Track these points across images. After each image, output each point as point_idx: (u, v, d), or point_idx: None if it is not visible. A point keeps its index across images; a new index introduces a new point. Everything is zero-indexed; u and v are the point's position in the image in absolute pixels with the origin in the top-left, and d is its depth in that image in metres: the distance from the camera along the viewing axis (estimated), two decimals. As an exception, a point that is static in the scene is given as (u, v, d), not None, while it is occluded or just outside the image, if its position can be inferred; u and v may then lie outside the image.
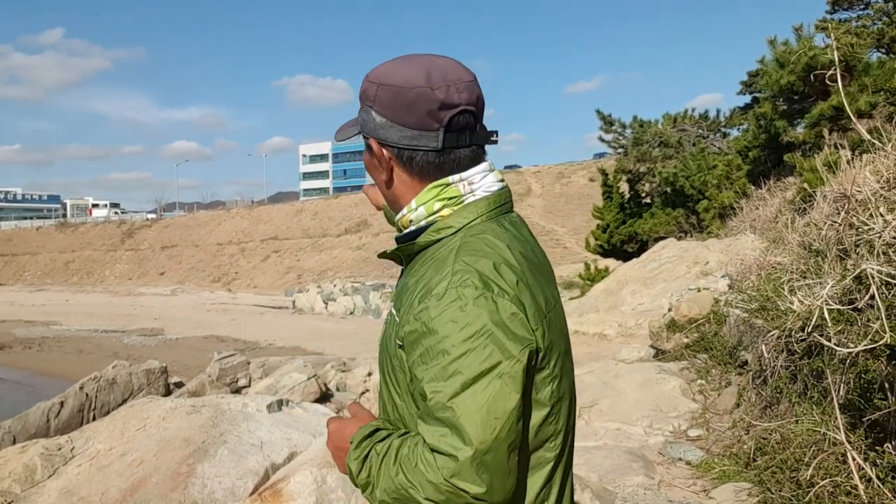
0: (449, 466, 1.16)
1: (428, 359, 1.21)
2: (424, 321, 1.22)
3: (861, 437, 3.02)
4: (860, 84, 10.48)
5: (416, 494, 1.19)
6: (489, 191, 1.39)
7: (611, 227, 20.57)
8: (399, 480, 1.21)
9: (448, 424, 1.17)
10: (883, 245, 3.06)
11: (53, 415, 9.79)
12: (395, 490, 1.22)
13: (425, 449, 1.20)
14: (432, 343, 1.20)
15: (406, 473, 1.21)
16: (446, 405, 1.17)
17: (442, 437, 1.18)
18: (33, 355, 24.01)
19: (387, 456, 1.25)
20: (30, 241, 69.47)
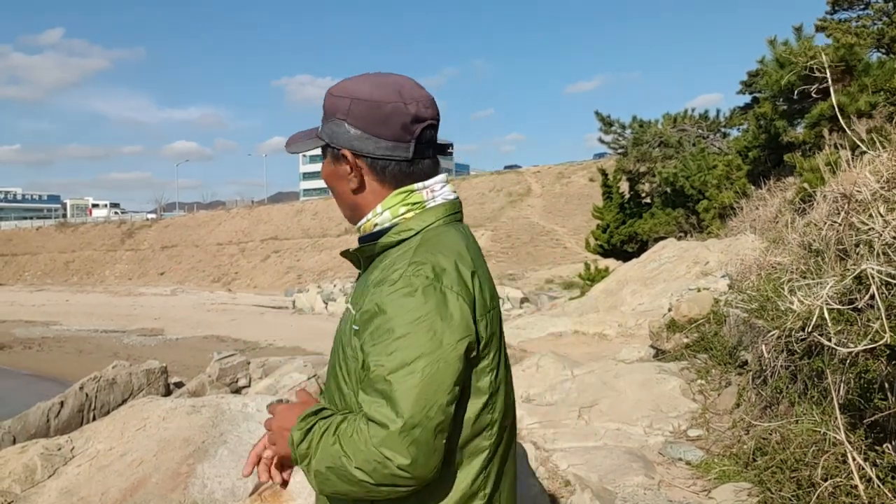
0: (380, 435, 1.26)
1: (376, 336, 1.32)
2: (377, 302, 1.34)
3: (861, 437, 3.02)
4: (860, 84, 10.47)
5: (348, 463, 1.29)
6: (447, 199, 1.52)
7: (611, 227, 20.55)
8: (334, 450, 1.31)
9: (384, 396, 1.28)
10: (883, 245, 3.06)
11: (53, 415, 9.79)
12: (330, 459, 1.31)
13: (361, 420, 1.30)
14: (381, 322, 1.32)
15: (341, 443, 1.30)
16: (385, 378, 1.29)
17: (378, 407, 1.28)
18: (33, 355, 24.02)
19: (327, 430, 1.34)
20: (30, 241, 69.44)
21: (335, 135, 1.49)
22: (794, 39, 12.40)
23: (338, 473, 1.31)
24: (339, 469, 1.30)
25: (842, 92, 10.67)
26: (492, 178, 55.69)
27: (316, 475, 1.35)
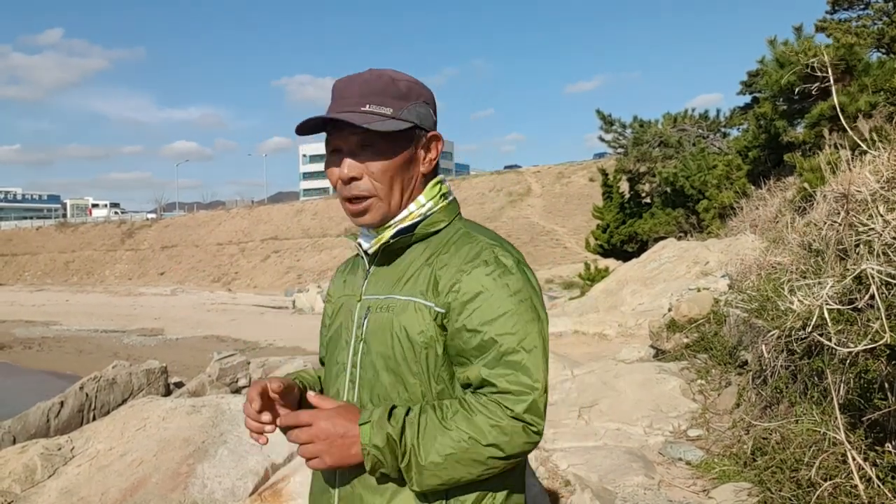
0: (522, 404, 1.31)
1: (486, 313, 1.34)
2: (481, 283, 1.35)
3: (861, 436, 3.02)
4: (860, 84, 10.47)
5: (476, 443, 1.29)
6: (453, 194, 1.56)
7: (611, 226, 20.55)
8: (453, 436, 1.30)
9: (517, 368, 1.32)
10: (883, 245, 3.06)
11: (53, 415, 9.78)
12: (449, 447, 1.29)
13: (484, 397, 1.32)
14: (490, 301, 1.34)
15: (462, 427, 1.30)
16: (516, 349, 1.33)
17: (513, 378, 1.32)
18: (33, 355, 24.01)
19: (429, 421, 1.32)
20: (30, 241, 69.46)
21: (424, 117, 1.47)
22: (795, 39, 12.40)
23: (460, 458, 1.30)
24: (462, 453, 1.29)
25: (842, 92, 10.66)
26: (492, 177, 55.69)
27: (425, 469, 1.30)
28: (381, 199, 1.43)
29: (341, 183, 1.45)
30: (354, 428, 1.33)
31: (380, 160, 1.42)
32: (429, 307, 1.38)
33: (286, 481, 3.73)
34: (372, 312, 1.45)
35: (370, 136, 1.40)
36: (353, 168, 1.43)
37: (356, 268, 1.61)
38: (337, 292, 1.63)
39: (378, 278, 1.49)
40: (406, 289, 1.42)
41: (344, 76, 1.48)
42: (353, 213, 1.46)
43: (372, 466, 1.32)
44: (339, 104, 1.43)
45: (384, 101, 1.41)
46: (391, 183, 1.43)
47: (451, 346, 1.38)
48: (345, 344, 1.50)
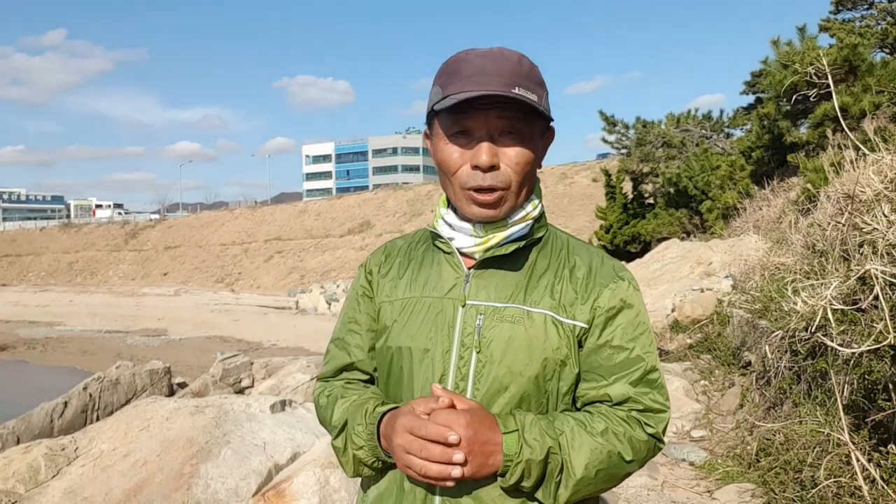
0: (661, 422, 1.31)
1: (630, 330, 1.32)
2: (622, 298, 1.33)
3: (865, 437, 3.01)
4: (864, 84, 10.45)
5: (622, 458, 1.26)
6: None
7: (614, 227, 20.53)
8: (604, 450, 1.24)
9: (657, 386, 1.32)
10: (887, 245, 3.06)
11: (57, 415, 9.80)
12: (599, 461, 1.24)
13: (626, 412, 1.30)
14: (632, 316, 1.33)
15: (612, 441, 1.25)
16: (655, 367, 1.32)
17: (653, 396, 1.31)
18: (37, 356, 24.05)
19: (576, 436, 1.25)
20: (34, 241, 69.57)
21: (548, 108, 1.33)
22: (798, 40, 12.39)
23: (608, 473, 1.25)
24: (611, 468, 1.25)
25: (845, 92, 10.65)
26: (495, 178, 55.29)
27: (577, 483, 1.22)
28: (513, 193, 1.30)
29: (472, 169, 1.28)
30: (497, 435, 1.20)
31: (523, 150, 1.28)
32: (566, 323, 1.30)
33: (289, 482, 3.74)
34: (488, 320, 1.31)
35: (515, 122, 1.26)
36: (494, 155, 1.26)
37: (430, 265, 1.42)
38: (402, 291, 1.41)
39: (486, 282, 1.34)
40: (532, 299, 1.31)
41: (469, 50, 1.31)
42: (483, 203, 1.29)
43: (517, 479, 1.21)
44: (484, 81, 1.23)
45: (531, 86, 1.26)
46: (525, 175, 1.30)
47: (586, 361, 1.32)
48: (441, 354, 1.32)
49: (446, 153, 1.30)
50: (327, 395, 1.46)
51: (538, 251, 1.38)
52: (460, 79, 1.25)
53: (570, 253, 1.38)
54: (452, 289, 1.35)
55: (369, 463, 1.33)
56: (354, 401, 1.38)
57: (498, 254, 1.32)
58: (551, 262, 1.36)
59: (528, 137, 1.28)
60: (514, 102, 1.23)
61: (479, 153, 1.26)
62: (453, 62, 1.30)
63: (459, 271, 1.36)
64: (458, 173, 1.29)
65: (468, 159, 1.28)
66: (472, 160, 1.27)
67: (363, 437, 1.31)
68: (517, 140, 1.27)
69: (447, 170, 1.31)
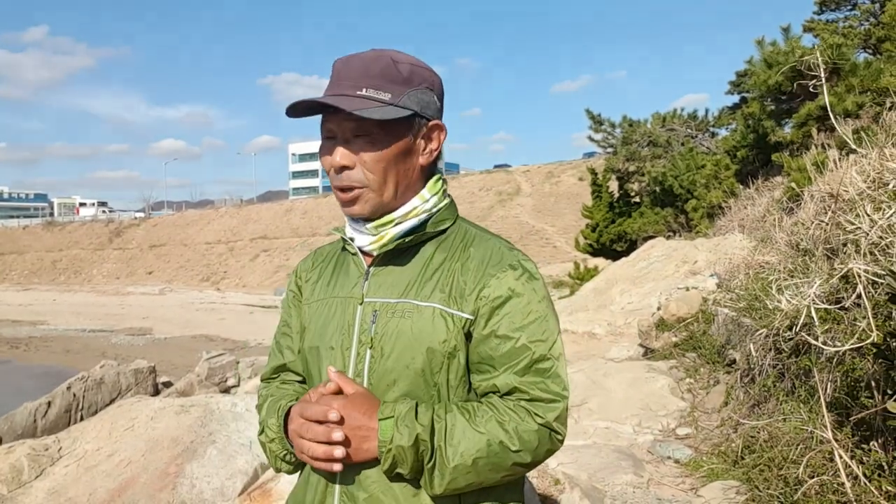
0: (554, 411, 1.30)
1: (516, 319, 1.31)
2: (510, 287, 1.32)
3: (848, 435, 3.04)
4: (847, 84, 10.53)
5: (506, 447, 1.25)
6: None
7: (600, 226, 20.60)
8: (483, 439, 1.25)
9: (548, 375, 1.31)
10: (869, 244, 3.08)
11: (40, 415, 9.73)
12: (478, 449, 1.24)
13: (514, 402, 1.29)
14: (519, 305, 1.31)
15: (493, 431, 1.25)
16: (546, 356, 1.31)
17: (545, 386, 1.30)
18: (21, 355, 23.86)
19: (457, 423, 1.26)
20: (16, 240, 69.01)
21: (427, 105, 1.36)
22: (782, 40, 12.48)
23: (487, 462, 1.25)
24: (492, 457, 1.25)
25: (829, 92, 10.73)
26: (481, 177, 55.70)
27: (450, 472, 1.24)
28: (374, 191, 1.34)
29: (333, 171, 1.35)
30: (372, 422, 1.25)
31: (373, 150, 1.32)
32: (455, 315, 1.32)
33: (275, 480, 3.73)
34: (381, 317, 1.34)
35: (365, 123, 1.30)
36: (345, 157, 1.32)
37: (341, 266, 1.47)
38: (318, 293, 1.48)
39: (383, 279, 1.38)
40: (423, 293, 1.34)
41: (346, 55, 1.37)
42: (343, 202, 1.37)
43: (390, 465, 1.24)
44: (336, 86, 1.32)
45: (382, 85, 1.31)
46: (385, 174, 1.33)
47: (475, 352, 1.33)
48: (342, 351, 1.37)
49: (321, 157, 1.39)
50: (262, 395, 1.52)
51: (437, 246, 1.39)
52: (328, 84, 1.36)
53: (467, 246, 1.38)
54: (354, 287, 1.40)
55: (282, 456, 1.39)
56: (276, 398, 1.44)
57: (390, 249, 1.36)
58: (447, 256, 1.37)
59: (381, 138, 1.32)
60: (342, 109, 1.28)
61: (334, 156, 1.34)
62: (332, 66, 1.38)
63: (361, 269, 1.41)
64: (329, 175, 1.38)
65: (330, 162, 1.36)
66: (331, 162, 1.35)
67: (273, 430, 1.38)
68: (368, 141, 1.32)
69: (326, 171, 1.39)
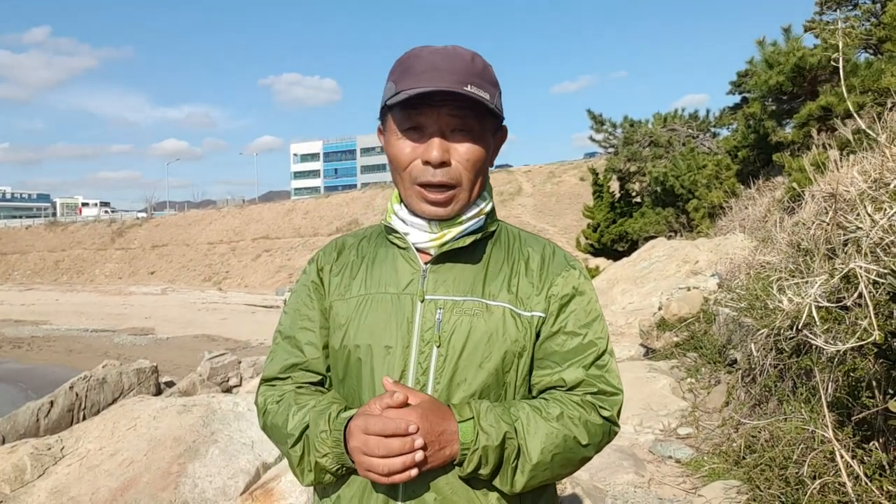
0: (616, 405, 1.33)
1: (582, 317, 1.35)
2: (573, 285, 1.37)
3: (849, 434, 3.04)
4: (848, 85, 10.53)
5: (578, 443, 1.28)
6: None
7: (601, 226, 20.61)
8: (560, 435, 1.26)
9: (609, 370, 1.35)
10: (870, 244, 3.08)
11: (43, 414, 9.73)
12: (556, 446, 1.25)
13: (580, 396, 1.32)
14: (584, 303, 1.37)
15: (568, 426, 1.27)
16: (607, 351, 1.36)
17: (606, 380, 1.34)
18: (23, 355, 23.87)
19: (531, 421, 1.26)
20: (19, 239, 69.06)
21: (501, 107, 1.35)
22: (783, 40, 12.48)
23: (564, 457, 1.27)
24: (566, 452, 1.26)
25: (830, 92, 10.73)
26: (483, 177, 55.31)
27: (533, 469, 1.24)
28: (465, 190, 1.31)
29: (424, 165, 1.28)
30: (452, 425, 1.21)
31: (474, 146, 1.29)
32: (525, 315, 1.33)
33: (277, 480, 3.73)
34: (447, 315, 1.31)
35: (467, 119, 1.27)
36: (445, 151, 1.27)
37: (382, 261, 1.41)
38: (357, 288, 1.39)
39: (443, 277, 1.35)
40: (490, 292, 1.34)
41: (423, 47, 1.31)
42: (434, 202, 1.30)
43: (474, 467, 1.21)
44: (437, 77, 1.23)
45: (483, 84, 1.27)
46: (477, 174, 1.31)
47: (541, 349, 1.34)
48: (402, 350, 1.31)
49: (398, 148, 1.30)
50: (276, 400, 1.39)
51: (492, 245, 1.40)
52: (413, 75, 1.25)
53: (523, 245, 1.41)
54: (409, 284, 1.35)
55: (333, 470, 1.29)
56: (314, 406, 1.33)
57: (455, 247, 1.33)
58: (506, 256, 1.39)
59: (479, 135, 1.29)
60: (465, 100, 1.24)
61: (430, 149, 1.26)
62: (406, 58, 1.30)
63: (416, 266, 1.36)
64: (410, 168, 1.30)
65: (419, 154, 1.28)
66: (424, 156, 1.27)
67: (328, 444, 1.26)
68: (468, 137, 1.28)
69: (398, 165, 1.31)
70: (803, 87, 11.91)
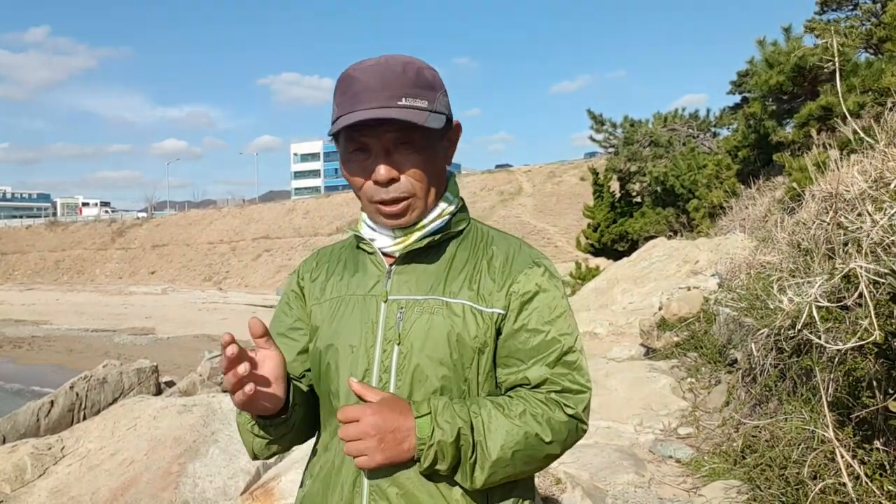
0: (582, 402, 1.33)
1: (544, 314, 1.35)
2: (536, 283, 1.36)
3: (849, 434, 3.04)
4: (848, 84, 10.53)
5: (541, 439, 1.28)
6: None
7: (601, 226, 20.61)
8: (520, 431, 1.27)
9: (574, 367, 1.34)
10: (871, 244, 3.08)
11: (43, 414, 9.74)
12: (517, 442, 1.27)
13: (545, 394, 1.33)
14: (546, 300, 1.36)
15: (529, 423, 1.28)
16: (573, 348, 1.35)
17: (573, 377, 1.34)
18: (23, 354, 23.88)
19: (492, 417, 1.28)
20: (19, 239, 69.11)
21: (448, 106, 1.37)
22: (784, 40, 12.48)
23: (524, 454, 1.28)
24: (528, 449, 1.28)
25: (830, 92, 10.73)
26: (483, 177, 55.66)
27: (493, 465, 1.26)
28: (420, 199, 1.34)
29: (375, 185, 1.31)
30: (409, 421, 1.24)
31: (419, 158, 1.31)
32: (484, 311, 1.34)
33: (277, 480, 3.73)
34: (408, 313, 1.34)
35: (407, 132, 1.28)
36: (391, 169, 1.29)
37: (354, 265, 1.46)
38: (329, 292, 1.45)
39: (406, 277, 1.38)
40: (451, 290, 1.35)
41: (357, 65, 1.32)
42: (391, 214, 1.33)
43: (430, 463, 1.24)
44: (370, 98, 1.26)
45: (418, 92, 1.28)
46: (429, 181, 1.34)
47: (504, 347, 1.35)
48: (365, 349, 1.35)
49: (349, 171, 1.35)
50: None
51: (458, 244, 1.41)
52: (349, 97, 1.28)
53: (488, 244, 1.42)
54: (375, 286, 1.39)
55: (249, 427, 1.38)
56: None
57: (414, 248, 1.36)
58: (470, 255, 1.40)
59: (422, 145, 1.31)
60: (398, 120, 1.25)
61: (378, 170, 1.29)
62: (342, 79, 1.32)
63: (381, 269, 1.40)
64: (364, 188, 1.34)
65: (369, 175, 1.31)
66: (374, 176, 1.30)
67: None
68: (412, 150, 1.30)
69: (354, 185, 1.36)
70: (804, 86, 11.91)
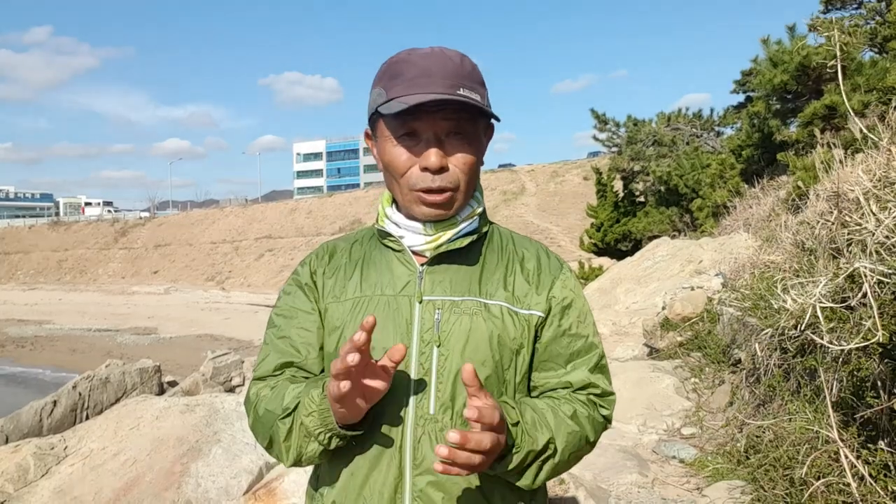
0: (613, 404, 1.40)
1: (582, 319, 1.40)
2: (571, 288, 1.41)
3: (853, 434, 3.03)
4: (853, 83, 10.50)
5: (587, 440, 1.33)
6: None
7: (605, 225, 20.59)
8: (577, 433, 1.31)
9: (607, 371, 1.41)
10: (875, 244, 3.07)
11: (46, 414, 9.75)
12: (574, 444, 1.30)
13: (586, 396, 1.37)
14: (581, 306, 1.41)
15: (582, 425, 1.32)
16: (604, 353, 1.42)
17: (606, 379, 1.40)
18: (26, 354, 23.93)
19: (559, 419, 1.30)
20: (22, 239, 69.21)
21: (489, 103, 1.34)
22: (788, 39, 12.45)
23: (576, 455, 1.32)
24: (578, 450, 1.32)
25: (834, 91, 10.70)
26: (486, 176, 55.68)
27: (556, 467, 1.28)
28: (462, 193, 1.31)
29: (421, 171, 1.27)
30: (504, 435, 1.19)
31: (470, 150, 1.29)
32: (522, 313, 1.34)
33: (280, 480, 3.73)
34: (446, 315, 1.31)
35: (461, 123, 1.26)
36: (442, 157, 1.26)
37: (376, 263, 1.40)
38: (351, 291, 1.38)
39: (440, 278, 1.34)
40: (488, 291, 1.34)
41: (411, 51, 1.30)
42: (435, 204, 1.29)
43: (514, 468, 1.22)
44: (428, 83, 1.23)
45: (473, 86, 1.27)
46: (472, 176, 1.32)
47: (545, 350, 1.37)
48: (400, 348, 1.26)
49: (394, 155, 1.29)
50: (271, 387, 1.34)
51: (486, 246, 1.41)
52: (403, 81, 1.24)
53: (516, 246, 1.44)
54: (406, 286, 1.34)
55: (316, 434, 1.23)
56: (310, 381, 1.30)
57: (451, 248, 1.34)
58: (501, 256, 1.40)
59: (473, 138, 1.30)
60: (460, 105, 1.23)
61: (429, 156, 1.25)
62: (395, 63, 1.29)
63: (412, 268, 1.35)
64: (407, 175, 1.29)
65: (416, 161, 1.27)
66: (422, 162, 1.27)
67: (316, 402, 1.21)
68: (464, 140, 1.28)
69: (396, 171, 1.30)
70: (808, 85, 11.88)
